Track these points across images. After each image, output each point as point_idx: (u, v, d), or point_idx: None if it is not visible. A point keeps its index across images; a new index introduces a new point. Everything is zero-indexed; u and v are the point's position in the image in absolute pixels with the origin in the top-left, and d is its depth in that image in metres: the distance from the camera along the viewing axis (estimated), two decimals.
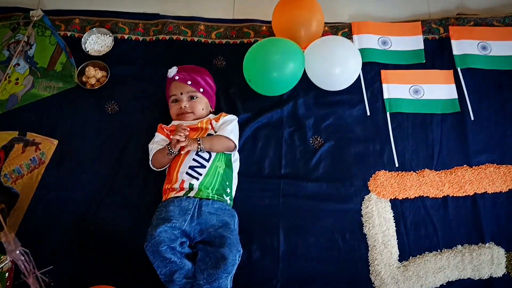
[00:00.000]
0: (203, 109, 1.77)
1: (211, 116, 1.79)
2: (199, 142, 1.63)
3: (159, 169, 1.71)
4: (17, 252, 1.53)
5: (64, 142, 1.82)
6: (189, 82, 1.75)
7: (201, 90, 1.77)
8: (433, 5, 2.12)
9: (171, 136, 1.65)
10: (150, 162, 1.70)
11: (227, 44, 2.02)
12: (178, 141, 1.60)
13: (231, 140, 1.69)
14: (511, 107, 1.88)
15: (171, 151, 1.62)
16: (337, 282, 1.61)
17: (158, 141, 1.72)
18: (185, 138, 1.61)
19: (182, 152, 1.64)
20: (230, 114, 1.80)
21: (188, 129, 1.65)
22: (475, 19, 2.05)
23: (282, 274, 1.62)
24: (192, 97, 1.76)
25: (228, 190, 1.67)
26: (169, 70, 1.77)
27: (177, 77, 1.76)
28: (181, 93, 1.75)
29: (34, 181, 1.75)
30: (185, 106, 1.75)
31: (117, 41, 2.00)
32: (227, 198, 1.65)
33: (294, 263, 1.64)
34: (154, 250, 1.48)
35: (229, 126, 1.73)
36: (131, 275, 1.61)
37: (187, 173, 1.63)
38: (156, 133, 1.75)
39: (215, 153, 1.67)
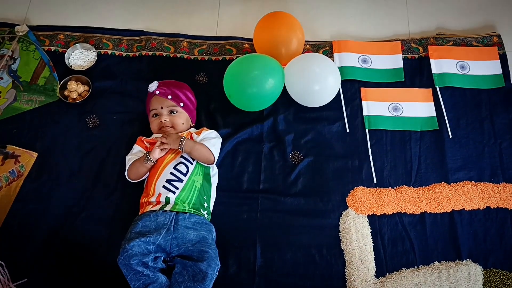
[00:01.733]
0: (183, 123, 1.78)
1: (192, 130, 1.79)
2: (181, 141, 1.64)
3: (134, 181, 1.70)
4: None
5: (44, 155, 1.82)
6: (170, 97, 1.76)
7: (181, 104, 1.78)
8: (413, 25, 2.16)
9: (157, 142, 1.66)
10: (126, 173, 1.70)
11: (209, 60, 2.04)
12: (162, 143, 1.63)
13: (212, 153, 1.69)
14: (488, 125, 1.90)
15: (148, 159, 1.63)
16: None
17: (135, 153, 1.72)
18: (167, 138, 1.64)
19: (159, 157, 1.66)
20: (211, 129, 1.81)
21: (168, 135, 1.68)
22: (454, 39, 2.08)
23: None
24: (172, 111, 1.77)
25: (206, 205, 1.66)
26: (150, 85, 1.78)
27: (157, 92, 1.77)
28: (161, 107, 1.76)
29: (12, 193, 1.74)
30: (165, 120, 1.75)
31: (100, 57, 2.02)
32: (204, 213, 1.64)
33: (270, 278, 1.63)
34: (126, 264, 1.47)
35: (213, 140, 1.74)
36: None
37: (163, 186, 1.62)
38: (135, 145, 1.75)
39: (193, 167, 1.67)
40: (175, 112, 1.77)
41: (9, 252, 1.63)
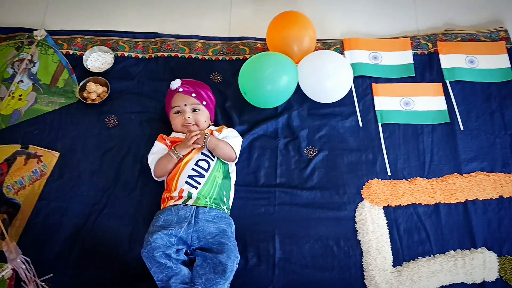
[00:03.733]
0: (205, 121, 1.83)
1: (212, 127, 1.84)
2: (206, 138, 1.68)
3: (161, 178, 1.74)
4: (18, 260, 1.55)
5: (65, 154, 1.87)
6: (194, 95, 1.81)
7: (204, 103, 1.83)
8: (421, 22, 2.20)
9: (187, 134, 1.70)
10: (152, 172, 1.74)
11: (223, 60, 2.09)
12: (191, 135, 1.67)
13: (234, 151, 1.74)
14: (498, 117, 1.93)
15: (176, 153, 1.68)
16: None
17: (157, 151, 1.76)
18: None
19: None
20: (226, 126, 1.86)
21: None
22: (462, 34, 2.13)
23: (277, 280, 1.65)
24: (195, 109, 1.81)
25: (225, 200, 1.70)
26: (172, 82, 1.83)
27: (181, 89, 1.81)
28: (185, 105, 1.80)
29: (36, 192, 1.79)
30: (188, 117, 1.79)
31: (117, 59, 2.07)
32: (224, 207, 1.69)
33: (289, 270, 1.67)
34: (149, 256, 1.51)
35: (235, 139, 1.79)
36: (129, 283, 1.64)
37: (186, 182, 1.67)
38: (156, 142, 1.79)
39: (214, 163, 1.72)
40: (197, 110, 1.81)
41: (34, 249, 1.67)
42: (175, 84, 1.82)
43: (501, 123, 1.92)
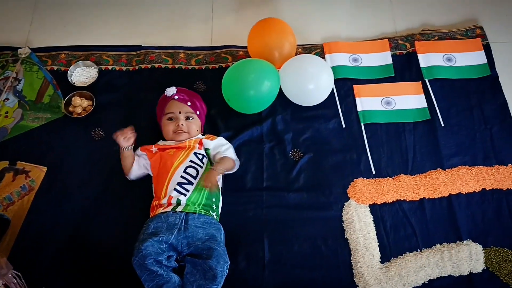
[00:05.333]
0: (197, 130, 1.86)
1: (200, 136, 1.86)
2: (216, 171, 1.70)
3: (132, 177, 1.81)
4: (9, 275, 1.57)
5: (53, 168, 1.88)
6: (189, 103, 1.85)
7: (198, 112, 1.87)
8: (399, 23, 2.25)
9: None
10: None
11: (206, 69, 2.12)
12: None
13: (235, 162, 1.80)
14: (478, 112, 1.98)
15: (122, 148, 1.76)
16: (322, 287, 1.66)
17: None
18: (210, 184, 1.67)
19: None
20: (212, 134, 1.89)
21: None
22: (439, 33, 2.18)
23: (267, 282, 1.67)
24: (188, 118, 1.85)
25: (214, 207, 1.72)
26: (168, 89, 1.86)
27: (176, 97, 1.84)
28: (179, 112, 1.83)
29: (25, 207, 1.80)
30: (182, 125, 1.82)
31: (101, 72, 2.10)
32: (213, 214, 1.71)
33: (279, 271, 1.68)
34: (140, 264, 1.52)
35: (231, 149, 1.84)
36: None
37: (175, 189, 1.69)
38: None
39: (203, 170, 1.74)
40: (191, 118, 1.85)
41: (25, 263, 1.68)
42: (171, 91, 1.85)
43: (481, 117, 1.97)
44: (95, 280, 1.68)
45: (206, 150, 1.80)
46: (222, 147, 1.81)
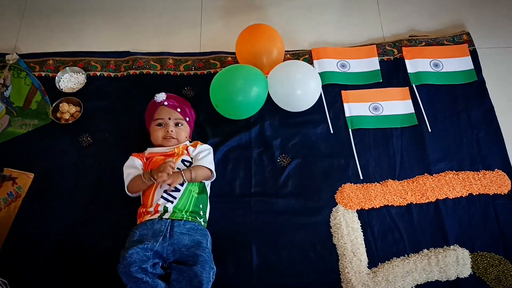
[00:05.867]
0: (186, 137, 1.86)
1: (187, 142, 1.86)
2: (184, 175, 1.69)
3: (133, 195, 1.76)
4: None
5: (40, 175, 1.88)
6: (179, 110, 1.84)
7: (187, 119, 1.87)
8: (386, 29, 2.27)
9: (158, 174, 1.66)
10: (126, 187, 1.75)
11: (195, 75, 2.13)
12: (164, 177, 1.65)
13: (211, 171, 1.77)
14: (465, 117, 1.99)
15: (152, 178, 1.67)
16: None
17: (135, 166, 1.77)
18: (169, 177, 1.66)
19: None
20: (200, 140, 1.89)
21: (174, 166, 1.70)
22: (426, 39, 2.19)
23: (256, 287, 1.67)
24: (177, 124, 1.84)
25: (202, 213, 1.72)
26: (157, 95, 1.85)
27: (166, 103, 1.84)
28: (169, 118, 1.83)
29: (11, 214, 1.79)
30: (171, 131, 1.82)
31: (89, 78, 2.10)
32: (201, 220, 1.70)
33: (267, 277, 1.69)
34: (125, 272, 1.52)
35: (209, 157, 1.81)
36: None
37: (162, 196, 1.68)
38: (131, 157, 1.80)
39: None
40: (180, 125, 1.84)
41: (12, 271, 1.67)
42: (160, 97, 1.85)
43: (468, 123, 1.98)
44: (83, 286, 1.67)
45: (191, 158, 1.81)
46: (200, 155, 1.80)
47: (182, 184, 1.71)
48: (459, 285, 1.66)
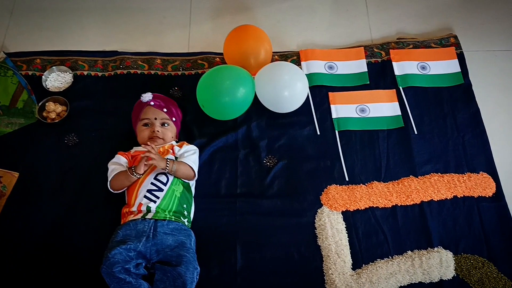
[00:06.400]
0: (172, 137, 1.86)
1: (174, 142, 1.86)
2: (168, 164, 1.69)
3: (116, 191, 1.75)
4: None
5: (26, 174, 1.87)
6: (165, 110, 1.84)
7: (174, 119, 1.86)
8: (374, 32, 2.27)
9: (142, 154, 1.69)
10: (108, 184, 1.74)
11: (182, 75, 2.12)
12: (148, 157, 1.65)
13: (193, 170, 1.76)
14: (451, 120, 2.00)
15: (134, 174, 1.67)
16: None
17: (119, 162, 1.76)
18: (156, 154, 1.67)
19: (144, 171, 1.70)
20: (186, 140, 1.89)
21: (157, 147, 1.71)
22: (414, 42, 2.20)
23: None
24: (164, 124, 1.84)
25: (186, 213, 1.72)
26: (144, 95, 1.85)
27: (152, 103, 1.83)
28: (155, 118, 1.83)
29: None
30: (157, 131, 1.81)
31: (77, 78, 2.09)
32: (185, 220, 1.70)
33: (251, 278, 1.68)
34: (108, 272, 1.51)
35: (194, 156, 1.81)
36: None
37: (145, 196, 1.68)
38: (117, 155, 1.80)
39: (172, 177, 1.73)
40: (166, 125, 1.84)
41: None
42: (147, 97, 1.84)
43: (454, 125, 1.99)
44: (66, 287, 1.66)
45: (176, 157, 1.80)
46: (185, 153, 1.79)
47: (165, 183, 1.71)
48: (442, 287, 1.67)
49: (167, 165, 1.69)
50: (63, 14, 2.34)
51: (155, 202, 1.67)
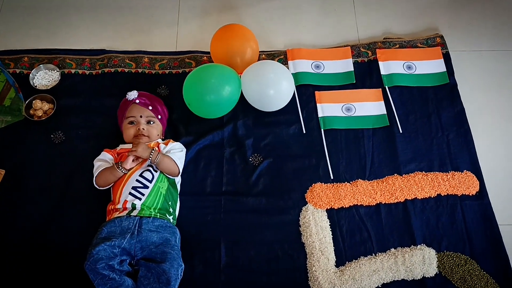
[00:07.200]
0: (158, 134, 1.86)
1: (160, 140, 1.87)
2: (152, 152, 1.70)
3: (101, 188, 1.75)
4: None
5: (12, 171, 1.87)
6: (150, 108, 1.85)
7: (159, 117, 1.87)
8: (361, 32, 2.29)
9: (128, 151, 1.71)
10: (94, 179, 1.74)
11: (170, 74, 2.13)
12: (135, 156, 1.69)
13: (177, 166, 1.77)
14: (436, 119, 2.01)
15: (120, 169, 1.68)
16: None
17: (105, 159, 1.77)
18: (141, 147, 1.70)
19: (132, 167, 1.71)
20: (173, 138, 1.90)
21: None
22: (400, 42, 2.22)
23: (223, 286, 1.67)
24: (149, 122, 1.85)
25: (171, 210, 1.73)
26: (129, 93, 1.86)
27: (137, 101, 1.84)
28: (141, 116, 1.83)
29: None
30: (143, 129, 1.82)
31: (64, 76, 2.10)
32: (170, 217, 1.71)
33: (235, 276, 1.69)
34: (92, 269, 1.51)
35: (180, 154, 1.81)
36: None
37: (130, 193, 1.69)
38: (103, 152, 1.81)
39: (158, 174, 1.74)
40: (152, 122, 1.85)
41: None
42: (132, 95, 1.85)
43: (438, 124, 2.00)
44: (52, 284, 1.67)
45: None
46: (172, 150, 1.80)
47: (151, 181, 1.72)
48: (425, 284, 1.68)
49: (151, 154, 1.70)
50: (52, 12, 2.35)
51: (140, 199, 1.68)
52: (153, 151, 1.71)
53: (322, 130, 1.99)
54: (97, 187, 1.75)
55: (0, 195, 1.82)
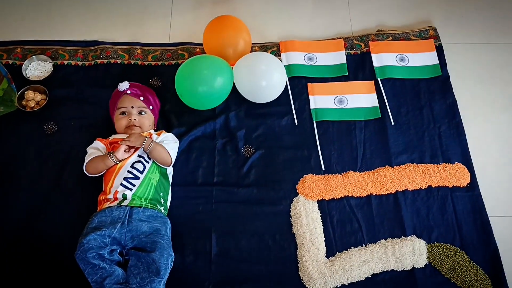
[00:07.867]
0: (150, 125, 1.87)
1: (152, 131, 1.87)
2: (145, 141, 1.71)
3: (91, 175, 1.75)
4: None
5: (4, 162, 1.88)
6: (142, 98, 1.85)
7: (151, 107, 1.87)
8: (355, 24, 2.29)
9: (120, 140, 1.72)
10: (84, 166, 1.74)
11: (162, 65, 2.13)
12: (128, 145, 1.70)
13: (170, 156, 1.77)
14: (428, 111, 2.02)
15: (112, 159, 1.69)
16: (267, 281, 1.68)
17: (97, 148, 1.77)
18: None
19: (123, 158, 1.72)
20: (165, 129, 1.90)
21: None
22: (393, 34, 2.22)
23: (214, 276, 1.68)
24: (141, 112, 1.85)
25: (162, 201, 1.73)
26: (121, 84, 1.86)
27: (129, 91, 1.85)
28: (132, 107, 1.84)
29: None
30: (134, 119, 1.83)
31: (57, 67, 2.10)
32: (161, 208, 1.71)
33: (225, 265, 1.70)
34: (82, 258, 1.52)
35: (173, 144, 1.82)
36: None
37: (121, 184, 1.69)
38: (96, 141, 1.81)
39: (149, 165, 1.75)
40: (144, 113, 1.85)
41: None
42: (123, 86, 1.86)
43: (430, 117, 2.01)
44: (42, 275, 1.68)
45: None
46: (165, 140, 1.81)
47: (142, 172, 1.72)
48: (415, 275, 1.69)
49: (144, 142, 1.70)
50: (45, 3, 2.35)
51: (131, 189, 1.68)
52: (146, 139, 1.72)
53: (314, 121, 1.99)
54: (87, 174, 1.75)
55: None
